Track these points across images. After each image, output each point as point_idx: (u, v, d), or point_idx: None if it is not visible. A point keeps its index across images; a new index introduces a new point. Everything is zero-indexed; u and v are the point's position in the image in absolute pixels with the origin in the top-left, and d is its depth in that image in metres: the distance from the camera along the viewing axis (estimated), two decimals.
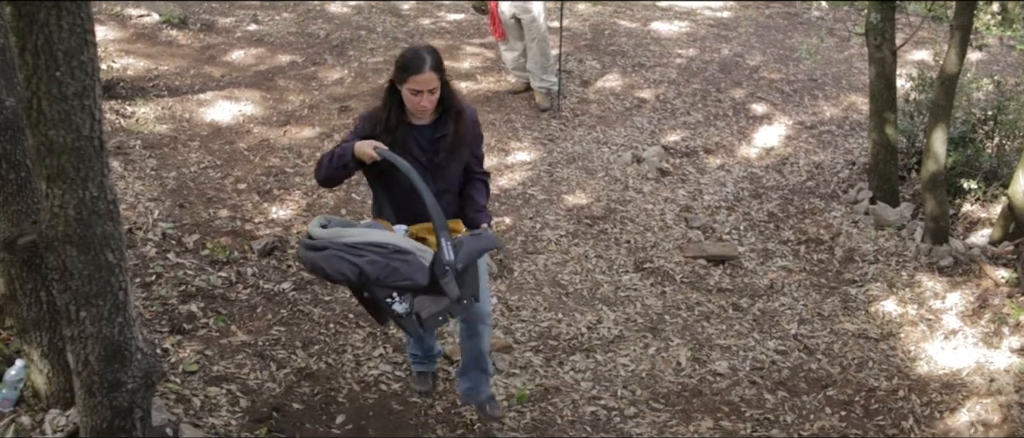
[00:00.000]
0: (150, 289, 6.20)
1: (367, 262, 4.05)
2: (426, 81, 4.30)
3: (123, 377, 3.98)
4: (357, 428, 5.22)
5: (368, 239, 4.13)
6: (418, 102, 4.37)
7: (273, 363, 5.66)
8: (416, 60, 4.29)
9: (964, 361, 6.22)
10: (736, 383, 5.96)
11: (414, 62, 4.29)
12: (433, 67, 4.30)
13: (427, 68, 4.28)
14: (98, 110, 3.48)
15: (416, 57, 4.29)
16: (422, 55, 4.30)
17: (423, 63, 4.28)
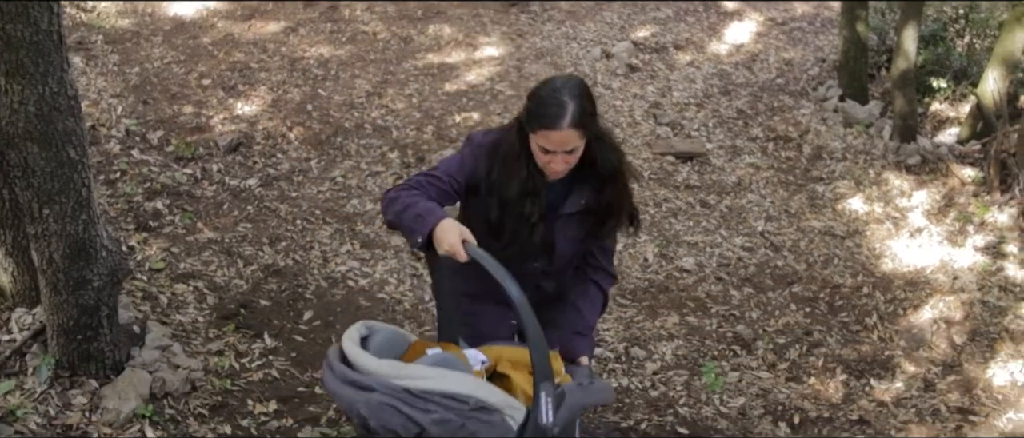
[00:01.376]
0: (115, 186, 6.13)
1: (434, 421, 2.74)
2: (562, 141, 3.02)
3: (88, 274, 3.95)
4: (324, 324, 5.23)
5: (442, 387, 2.76)
6: (548, 162, 3.10)
7: (240, 260, 5.64)
8: (552, 108, 2.99)
9: (929, 259, 6.28)
10: (702, 279, 6.00)
11: (549, 111, 2.99)
12: (575, 122, 2.98)
13: (566, 124, 2.97)
14: (56, 3, 3.39)
15: (554, 103, 2.99)
16: (562, 101, 2.98)
17: (561, 115, 2.97)
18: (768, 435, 4.75)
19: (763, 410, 4.92)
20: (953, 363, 5.35)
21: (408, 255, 5.90)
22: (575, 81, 3.07)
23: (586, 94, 3.05)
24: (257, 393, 4.64)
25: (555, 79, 3.09)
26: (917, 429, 4.84)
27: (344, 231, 6.06)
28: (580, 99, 3.01)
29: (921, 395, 5.10)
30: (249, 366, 4.81)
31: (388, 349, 3.09)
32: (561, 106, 2.97)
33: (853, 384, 5.17)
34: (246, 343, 4.97)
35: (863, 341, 5.52)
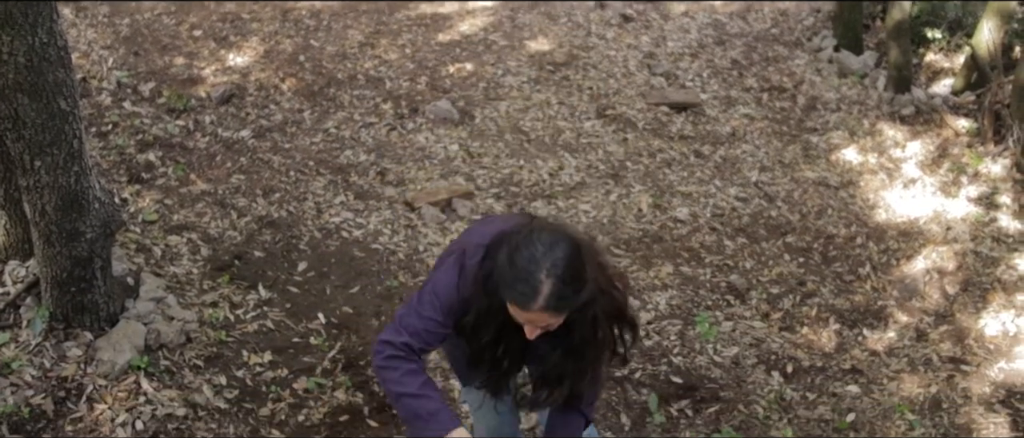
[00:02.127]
0: (107, 138, 6.11)
1: None
2: (533, 320, 2.72)
3: (81, 226, 3.95)
4: (319, 275, 5.23)
5: None
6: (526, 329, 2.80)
7: (234, 211, 5.63)
8: (523, 285, 2.63)
9: (922, 209, 6.29)
10: (696, 229, 6.00)
11: (519, 288, 2.64)
12: (549, 306, 2.64)
13: (537, 307, 2.64)
14: None
15: (527, 279, 2.62)
16: (537, 280, 2.60)
17: (532, 296, 2.62)
18: (761, 384, 4.77)
19: (756, 359, 4.95)
20: (945, 313, 5.37)
21: (402, 206, 5.89)
22: (561, 251, 2.63)
23: (570, 270, 2.63)
24: (252, 344, 4.65)
25: (537, 242, 2.64)
26: (909, 378, 4.86)
27: (338, 182, 6.05)
28: (559, 279, 2.61)
29: (913, 345, 5.13)
30: (244, 317, 4.82)
31: None
32: (534, 287, 2.61)
33: (846, 334, 5.19)
34: (240, 294, 4.97)
35: (856, 291, 5.54)
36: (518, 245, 2.67)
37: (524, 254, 2.64)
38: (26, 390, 4.02)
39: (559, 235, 2.69)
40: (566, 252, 2.64)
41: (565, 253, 2.63)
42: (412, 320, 2.92)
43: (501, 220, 3.10)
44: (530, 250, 2.63)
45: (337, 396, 4.42)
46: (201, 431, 4.12)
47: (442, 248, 5.53)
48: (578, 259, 2.66)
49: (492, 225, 3.00)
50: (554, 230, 2.72)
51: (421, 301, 2.93)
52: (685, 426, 4.49)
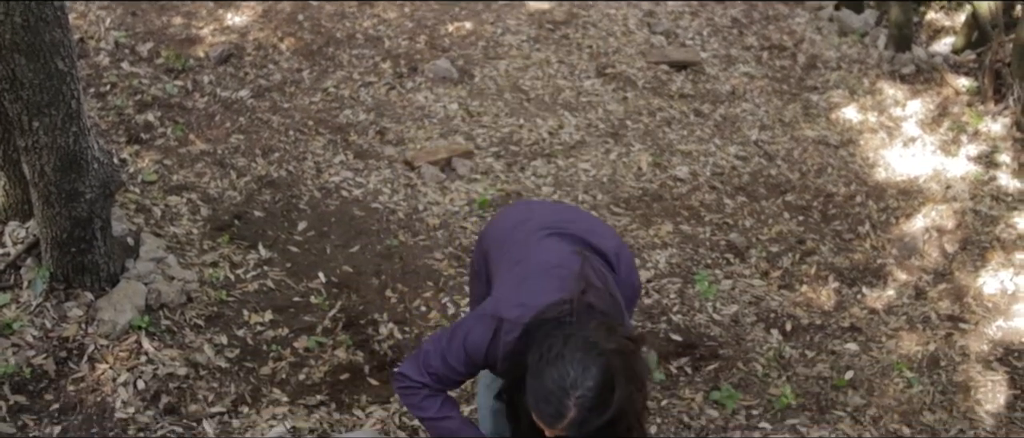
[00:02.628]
0: (105, 99, 6.09)
1: None
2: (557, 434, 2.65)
3: (80, 187, 3.95)
4: (319, 234, 5.23)
5: None
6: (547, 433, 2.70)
7: (233, 171, 5.62)
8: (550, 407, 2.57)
9: (922, 168, 6.29)
10: (696, 188, 6.00)
11: (545, 409, 2.59)
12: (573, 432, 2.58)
13: (560, 429, 2.59)
14: None
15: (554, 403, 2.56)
16: (564, 405, 2.54)
17: (557, 418, 2.57)
18: (760, 342, 4.79)
19: (755, 317, 4.96)
20: (944, 271, 5.38)
21: (401, 166, 5.89)
22: (593, 377, 2.53)
23: (599, 398, 2.53)
24: (252, 303, 4.67)
25: (570, 364, 2.54)
26: (908, 336, 4.88)
27: (337, 142, 6.04)
28: (586, 409, 2.53)
29: (912, 303, 5.14)
30: (244, 277, 4.83)
31: None
32: (560, 411, 2.55)
33: (845, 292, 5.20)
34: (240, 254, 4.98)
35: (855, 249, 5.55)
36: (551, 359, 2.58)
37: (555, 374, 2.56)
38: (27, 350, 4.04)
39: (592, 354, 2.55)
40: (598, 379, 2.53)
41: (596, 380, 2.53)
42: (436, 364, 2.93)
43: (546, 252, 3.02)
44: (561, 370, 2.55)
45: (338, 355, 4.43)
46: (202, 390, 4.14)
47: (441, 207, 5.54)
48: (610, 384, 2.55)
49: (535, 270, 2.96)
50: (587, 345, 2.57)
51: (450, 347, 2.91)
52: (684, 384, 4.51)
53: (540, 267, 2.97)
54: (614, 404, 2.56)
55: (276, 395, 4.18)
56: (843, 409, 4.41)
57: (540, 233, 3.14)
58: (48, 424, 3.87)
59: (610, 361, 2.56)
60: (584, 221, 3.32)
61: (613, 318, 2.77)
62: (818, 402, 4.44)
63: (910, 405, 4.46)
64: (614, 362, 2.57)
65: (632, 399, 2.62)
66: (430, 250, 5.21)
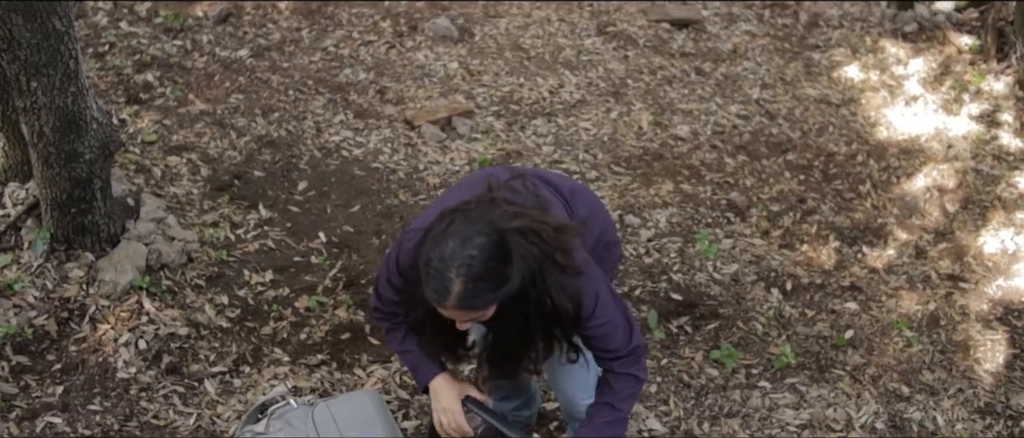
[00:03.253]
0: (104, 59, 6.07)
1: None
2: (453, 316, 2.67)
3: (80, 147, 3.94)
4: (319, 194, 5.23)
5: None
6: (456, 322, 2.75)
7: (233, 131, 5.61)
8: (433, 283, 2.55)
9: (923, 127, 6.27)
10: (697, 147, 5.99)
11: (431, 285, 2.56)
12: (462, 304, 2.56)
13: (450, 304, 2.57)
14: None
15: (436, 278, 2.54)
16: (446, 278, 2.52)
17: (443, 295, 2.55)
18: (760, 301, 4.80)
19: (756, 277, 4.97)
20: (945, 231, 5.38)
21: (402, 125, 5.88)
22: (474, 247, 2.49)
23: (484, 267, 2.50)
24: (253, 263, 4.67)
25: (450, 238, 2.50)
26: (908, 295, 4.89)
27: (337, 101, 6.02)
28: (469, 278, 2.50)
29: (912, 262, 5.14)
30: (244, 237, 4.84)
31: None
32: (445, 286, 2.52)
33: (845, 251, 5.20)
34: (241, 214, 4.98)
35: (856, 209, 5.54)
36: (434, 240, 2.55)
37: (436, 251, 2.52)
38: (29, 311, 4.05)
39: (479, 227, 2.52)
40: (482, 248, 2.50)
41: (480, 249, 2.50)
42: (380, 289, 3.02)
43: (462, 189, 2.99)
44: (441, 247, 2.52)
45: (338, 314, 4.45)
46: (204, 350, 4.16)
47: (441, 166, 5.54)
48: (498, 254, 2.52)
49: (449, 197, 2.94)
50: (476, 220, 2.54)
51: (383, 270, 2.99)
52: (684, 343, 4.52)
53: (461, 183, 3.02)
54: (510, 276, 2.54)
55: (277, 355, 4.20)
56: (843, 368, 4.42)
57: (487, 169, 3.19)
58: (50, 384, 3.89)
59: (506, 236, 2.53)
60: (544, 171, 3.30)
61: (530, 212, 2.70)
62: (818, 361, 4.46)
63: (909, 364, 4.48)
64: (513, 238, 2.54)
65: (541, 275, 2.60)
66: None
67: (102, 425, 3.76)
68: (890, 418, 4.17)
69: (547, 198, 2.90)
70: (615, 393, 2.95)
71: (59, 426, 3.72)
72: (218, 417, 3.88)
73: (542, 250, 2.60)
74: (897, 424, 4.15)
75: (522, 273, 2.56)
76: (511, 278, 2.54)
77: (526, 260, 2.56)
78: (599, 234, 3.18)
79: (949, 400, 4.29)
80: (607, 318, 2.85)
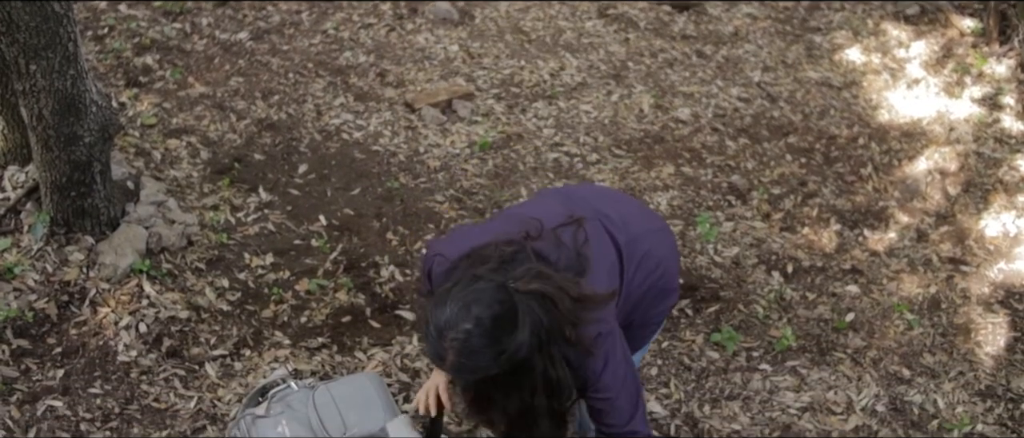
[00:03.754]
0: (103, 42, 6.05)
1: None
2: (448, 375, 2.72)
3: (79, 130, 3.93)
4: (319, 177, 5.22)
5: None
6: None
7: (233, 114, 5.60)
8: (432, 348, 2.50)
9: (925, 110, 6.25)
10: (698, 130, 5.98)
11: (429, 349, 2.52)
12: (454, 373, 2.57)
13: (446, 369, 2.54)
14: None
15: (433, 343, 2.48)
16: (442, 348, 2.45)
17: (439, 360, 2.50)
18: (761, 284, 4.79)
19: (757, 259, 4.96)
20: (946, 214, 5.37)
21: (402, 108, 5.87)
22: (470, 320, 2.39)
23: (475, 346, 2.40)
24: (253, 246, 4.67)
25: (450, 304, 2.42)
26: (909, 278, 4.88)
27: (337, 84, 6.01)
28: (459, 353, 2.41)
29: (914, 245, 5.14)
30: (245, 220, 4.83)
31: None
32: (439, 353, 2.46)
33: (846, 234, 5.20)
34: (241, 197, 4.98)
35: (857, 192, 5.53)
36: (437, 300, 2.46)
37: (434, 315, 2.44)
38: (29, 294, 4.05)
39: (485, 293, 2.42)
40: (478, 321, 2.39)
41: (476, 323, 2.39)
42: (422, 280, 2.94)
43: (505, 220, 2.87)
44: (439, 312, 2.43)
45: (339, 297, 4.44)
46: (204, 333, 4.15)
47: (441, 149, 5.53)
48: (498, 324, 2.41)
49: (491, 226, 2.86)
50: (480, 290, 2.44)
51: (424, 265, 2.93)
52: (685, 326, 4.52)
53: (508, 212, 2.85)
54: (511, 346, 2.43)
55: (278, 338, 4.19)
56: (843, 351, 4.42)
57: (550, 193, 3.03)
58: (50, 367, 3.89)
59: (512, 305, 2.42)
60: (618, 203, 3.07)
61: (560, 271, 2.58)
62: (819, 344, 4.46)
63: (910, 347, 4.48)
64: (523, 303, 2.43)
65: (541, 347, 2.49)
66: (431, 192, 5.20)
67: (103, 408, 3.76)
68: (891, 401, 4.17)
69: (588, 259, 2.68)
70: None
71: (60, 409, 3.73)
72: (219, 400, 3.88)
73: (553, 319, 2.48)
74: (898, 407, 4.15)
75: (527, 342, 2.46)
76: (509, 349, 2.44)
77: (535, 329, 2.45)
78: (655, 280, 2.99)
79: (950, 383, 4.29)
80: (610, 394, 2.71)
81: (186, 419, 3.78)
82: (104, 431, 3.68)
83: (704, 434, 3.97)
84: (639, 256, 2.90)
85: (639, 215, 3.06)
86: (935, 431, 4.04)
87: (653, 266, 2.96)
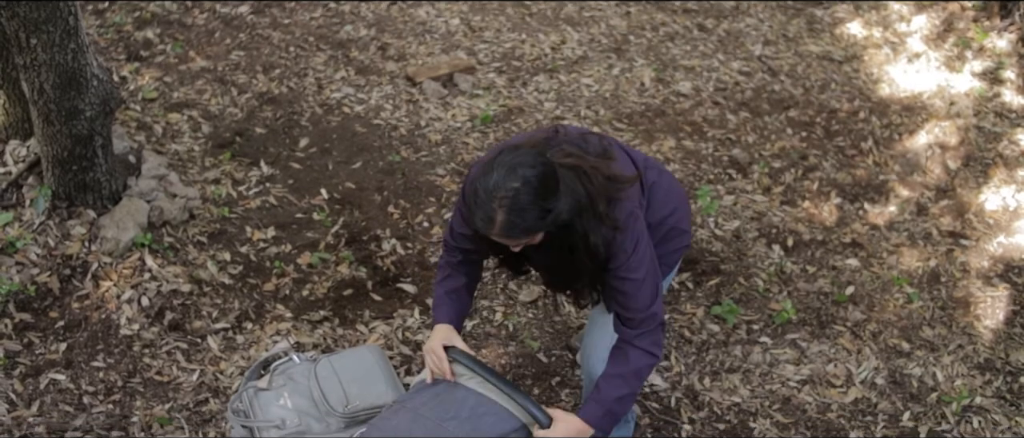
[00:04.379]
0: (103, 16, 6.04)
1: None
2: (503, 242, 2.77)
3: (80, 104, 3.94)
4: (321, 151, 5.23)
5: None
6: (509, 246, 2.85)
7: (234, 88, 5.60)
8: (479, 214, 2.63)
9: (926, 84, 6.25)
10: (699, 103, 5.97)
11: (477, 215, 2.64)
12: (505, 234, 2.65)
13: (495, 233, 2.66)
14: None
15: (482, 208, 2.62)
16: (490, 210, 2.59)
17: (488, 225, 2.63)
18: (762, 257, 4.80)
19: (757, 233, 4.97)
20: (946, 188, 5.37)
21: (403, 81, 5.86)
22: (518, 179, 2.56)
23: (526, 197, 2.56)
24: (255, 220, 4.68)
25: (496, 170, 2.58)
26: (909, 252, 4.89)
27: (338, 58, 6.00)
28: (510, 210, 2.57)
29: (914, 219, 5.14)
30: (246, 194, 4.84)
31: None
32: (489, 215, 2.60)
33: (847, 208, 5.20)
34: (243, 171, 4.98)
35: (858, 165, 5.53)
36: (482, 172, 2.62)
37: (482, 181, 2.60)
38: (31, 268, 4.06)
39: (527, 159, 2.60)
40: (526, 180, 2.57)
41: (524, 181, 2.56)
42: (454, 220, 3.07)
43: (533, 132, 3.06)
44: (487, 178, 2.59)
45: (340, 271, 4.46)
46: (206, 306, 4.17)
47: (442, 123, 5.53)
48: (542, 186, 2.59)
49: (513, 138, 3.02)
50: (526, 153, 2.62)
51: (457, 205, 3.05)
52: (686, 299, 4.53)
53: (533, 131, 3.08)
54: (557, 207, 2.62)
55: (280, 311, 4.21)
56: (843, 324, 4.44)
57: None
58: (53, 341, 3.91)
59: (553, 170, 2.61)
60: (628, 149, 3.22)
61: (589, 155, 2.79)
62: (818, 317, 4.47)
63: (910, 320, 4.49)
64: (562, 172, 2.63)
65: (589, 207, 2.69)
66: (432, 166, 5.21)
67: (105, 381, 3.78)
68: (890, 374, 4.19)
69: (614, 153, 2.90)
70: (628, 365, 2.92)
71: (63, 383, 3.75)
72: (221, 373, 3.90)
73: (588, 191, 2.68)
74: (897, 379, 4.16)
75: (569, 206, 2.65)
76: (554, 210, 2.62)
77: (574, 194, 2.64)
78: (668, 215, 3.16)
79: (949, 356, 4.31)
80: (639, 274, 2.87)
81: (188, 392, 3.80)
82: (107, 404, 3.70)
83: (704, 406, 3.99)
84: (650, 184, 3.08)
85: (648, 159, 3.21)
86: (934, 404, 4.06)
87: (664, 198, 3.14)
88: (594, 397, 2.93)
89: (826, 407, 4.01)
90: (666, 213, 3.16)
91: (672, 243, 3.23)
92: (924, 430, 3.92)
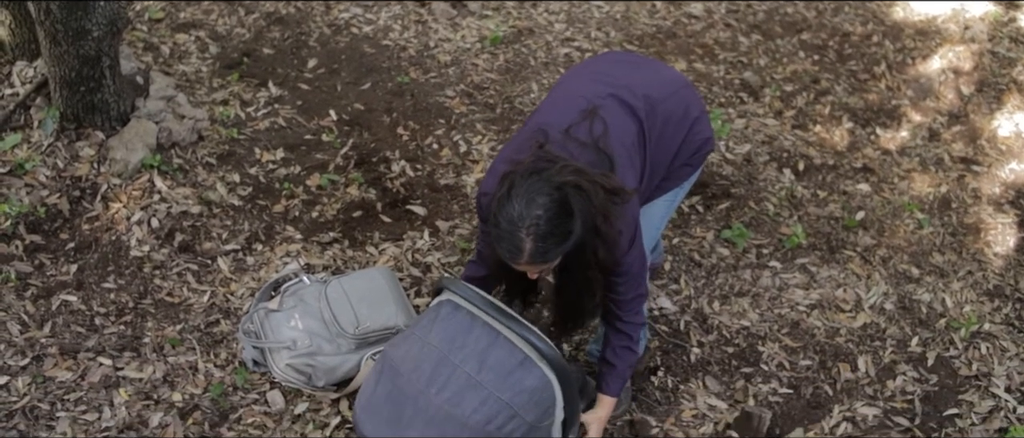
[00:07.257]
0: None
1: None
2: (526, 270, 2.87)
3: (87, 25, 3.90)
4: (329, 71, 5.19)
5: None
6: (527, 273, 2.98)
7: (241, 8, 5.55)
8: (507, 244, 2.71)
9: (940, 8, 6.17)
10: (711, 25, 5.91)
11: (503, 246, 2.73)
12: (534, 260, 2.72)
13: (523, 261, 2.73)
14: None
15: (508, 239, 2.70)
16: (518, 239, 2.67)
17: (516, 255, 2.72)
18: (773, 181, 4.79)
19: (768, 156, 4.95)
20: (959, 113, 5.33)
21: (412, 1, 5.80)
22: (539, 207, 2.65)
23: (550, 225, 2.66)
24: (264, 141, 4.66)
25: (515, 201, 2.65)
26: (920, 177, 4.87)
27: None
28: (540, 237, 2.67)
29: (925, 144, 5.12)
30: (255, 115, 4.82)
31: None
32: (517, 246, 2.69)
33: (858, 132, 5.17)
34: (251, 92, 4.96)
35: (870, 90, 5.49)
36: (500, 203, 2.70)
37: (504, 214, 2.68)
38: (41, 190, 4.06)
39: (539, 186, 2.66)
40: (546, 206, 2.65)
41: (545, 208, 2.65)
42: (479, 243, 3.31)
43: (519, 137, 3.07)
44: (508, 210, 2.67)
45: (350, 192, 4.45)
46: (216, 228, 4.17)
47: (452, 44, 5.48)
48: (561, 209, 2.67)
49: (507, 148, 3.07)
50: (535, 180, 2.67)
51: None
52: (696, 222, 4.53)
53: (523, 128, 3.11)
54: (574, 229, 2.71)
55: (289, 232, 4.21)
56: (853, 249, 4.43)
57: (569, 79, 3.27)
58: (64, 263, 3.91)
59: (562, 191, 2.67)
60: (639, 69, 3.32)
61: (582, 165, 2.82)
62: (828, 242, 4.47)
63: (920, 246, 4.48)
64: (568, 191, 2.68)
65: (594, 225, 2.76)
66: (441, 87, 5.18)
67: (117, 303, 3.80)
68: (899, 299, 4.19)
69: (610, 154, 2.91)
70: (628, 336, 3.21)
71: (74, 304, 3.76)
72: (231, 294, 3.91)
73: (593, 208, 2.73)
74: (906, 305, 4.17)
75: (583, 224, 2.72)
76: (574, 230, 2.71)
77: (584, 214, 2.70)
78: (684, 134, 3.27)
79: (958, 282, 4.31)
80: (634, 269, 3.04)
81: (199, 313, 3.81)
82: (119, 325, 3.72)
83: (713, 330, 4.01)
84: (661, 120, 3.14)
85: (659, 79, 3.26)
86: (942, 329, 4.07)
87: (679, 119, 3.22)
88: (611, 374, 3.22)
89: (835, 331, 4.02)
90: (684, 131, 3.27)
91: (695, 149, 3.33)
92: (932, 356, 3.93)
